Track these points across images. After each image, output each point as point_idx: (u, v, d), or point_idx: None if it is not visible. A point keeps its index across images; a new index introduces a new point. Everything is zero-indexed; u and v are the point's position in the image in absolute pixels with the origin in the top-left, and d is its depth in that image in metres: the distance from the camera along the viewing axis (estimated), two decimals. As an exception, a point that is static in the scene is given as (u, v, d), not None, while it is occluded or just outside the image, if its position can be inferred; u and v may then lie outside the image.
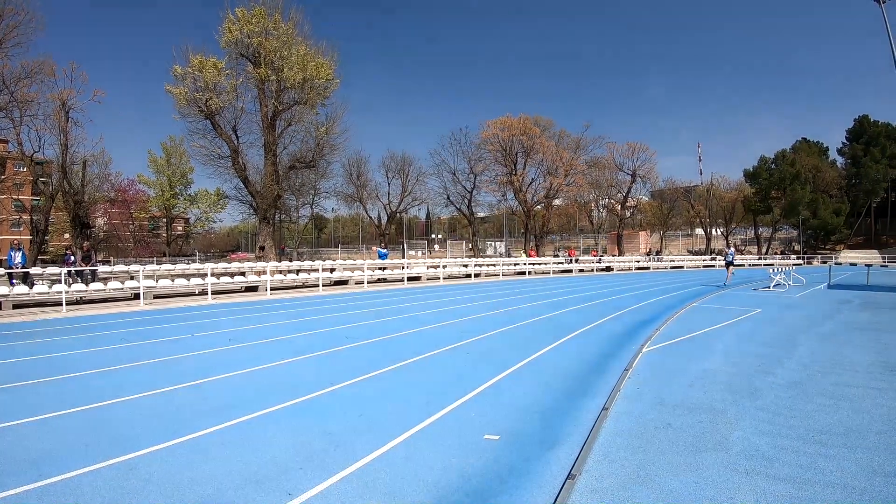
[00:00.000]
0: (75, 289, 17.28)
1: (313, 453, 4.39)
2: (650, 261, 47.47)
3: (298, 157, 34.32)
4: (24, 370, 7.73)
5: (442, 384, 6.67)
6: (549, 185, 55.77)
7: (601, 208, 71.06)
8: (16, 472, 4.07)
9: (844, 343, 9.45)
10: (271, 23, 28.93)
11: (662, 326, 11.37)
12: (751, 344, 9.31)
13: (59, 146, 34.18)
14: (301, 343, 9.92)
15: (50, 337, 11.01)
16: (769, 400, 5.81)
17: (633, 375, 7.01)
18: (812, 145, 74.48)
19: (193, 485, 3.81)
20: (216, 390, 6.50)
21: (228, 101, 29.13)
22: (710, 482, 3.79)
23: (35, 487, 3.80)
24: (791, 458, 4.23)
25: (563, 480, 3.82)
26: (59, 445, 4.63)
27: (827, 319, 12.40)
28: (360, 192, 58.62)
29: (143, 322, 13.17)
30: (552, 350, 8.94)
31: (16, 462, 4.27)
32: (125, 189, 64.30)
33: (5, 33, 30.16)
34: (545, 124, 56.55)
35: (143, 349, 9.39)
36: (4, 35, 30.14)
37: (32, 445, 4.65)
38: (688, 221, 76.28)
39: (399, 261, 34.68)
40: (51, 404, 5.86)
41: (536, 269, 36.55)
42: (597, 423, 5.07)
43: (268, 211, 31.03)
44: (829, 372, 7.18)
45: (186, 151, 59.50)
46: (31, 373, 7.52)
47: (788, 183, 63.65)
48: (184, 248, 76.39)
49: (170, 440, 4.69)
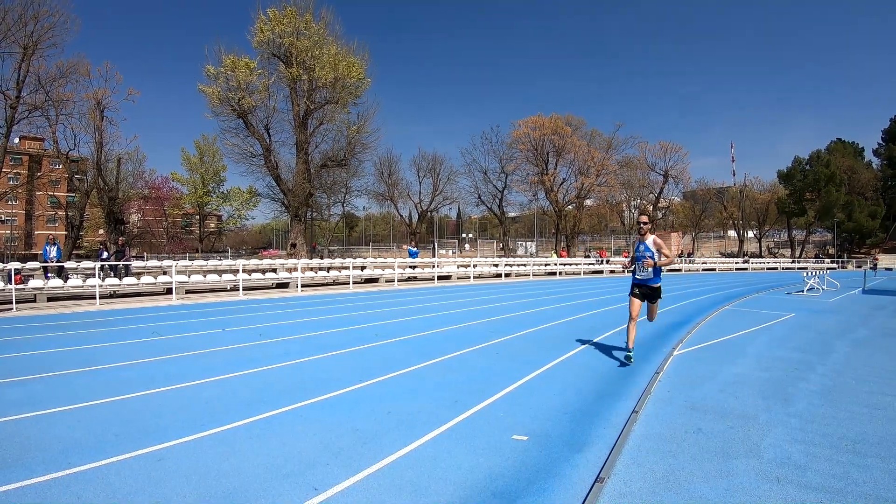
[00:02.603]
0: (109, 283, 17.64)
1: (340, 449, 4.39)
2: (682, 263, 46.78)
3: (330, 156, 34.64)
4: (58, 360, 7.92)
5: (470, 383, 6.63)
6: (580, 185, 55.46)
7: (633, 209, 70.33)
8: (45, 459, 4.14)
9: (880, 349, 9.19)
10: (302, 22, 29.26)
11: (694, 329, 11.17)
12: (783, 349, 9.09)
13: (94, 144, 35.06)
14: (331, 340, 9.97)
15: (83, 329, 11.26)
16: (802, 407, 5.65)
17: (663, 378, 6.89)
18: (847, 146, 72.57)
19: (220, 477, 3.84)
20: (245, 385, 6.55)
21: (260, 100, 29.59)
22: (740, 489, 3.69)
23: (64, 475, 3.86)
24: (824, 466, 4.10)
25: (592, 483, 3.76)
26: (88, 435, 4.71)
27: (861, 325, 12.06)
28: (392, 191, 59.06)
29: (174, 316, 13.39)
30: (581, 351, 8.84)
31: (46, 450, 4.35)
32: (159, 186, 65.66)
33: (41, 35, 30.93)
34: (577, 124, 56.30)
35: (174, 342, 9.55)
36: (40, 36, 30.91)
37: (62, 434, 4.74)
38: (720, 223, 75.14)
39: (429, 259, 34.74)
40: (82, 394, 5.99)
41: (567, 270, 36.33)
42: (626, 425, 4.98)
43: (299, 209, 31.38)
44: (863, 379, 6.97)
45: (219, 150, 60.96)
46: (63, 363, 7.70)
47: (823, 184, 62.14)
48: (216, 244, 77.60)
49: (198, 433, 4.74)
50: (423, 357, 8.20)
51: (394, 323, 12.30)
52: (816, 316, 13.81)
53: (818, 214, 63.93)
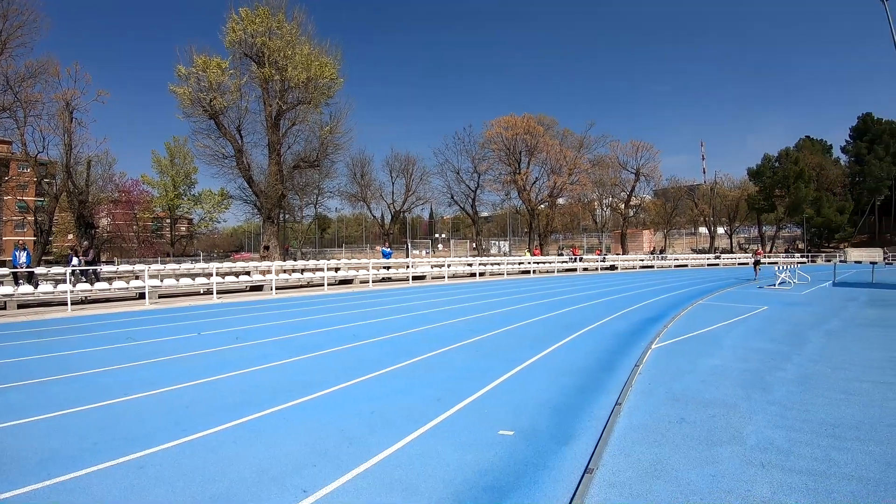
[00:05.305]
0: (80, 288, 17.27)
1: (327, 450, 4.35)
2: (654, 259, 47.34)
3: (302, 157, 34.26)
4: (32, 369, 7.72)
5: (453, 381, 6.64)
6: (552, 184, 55.62)
7: (605, 207, 70.93)
8: (24, 470, 4.04)
9: (852, 339, 9.43)
10: (275, 22, 28.92)
11: (670, 324, 11.33)
12: (759, 340, 9.28)
13: (63, 147, 34.12)
14: (308, 341, 9.89)
15: (56, 336, 11.00)
16: (781, 395, 5.79)
17: (643, 372, 6.98)
18: (816, 143, 74.19)
19: (206, 482, 3.78)
20: (226, 388, 6.47)
21: (232, 100, 29.13)
22: (726, 475, 3.77)
23: (43, 486, 3.76)
24: (805, 450, 4.21)
25: (581, 475, 3.79)
26: (67, 444, 4.60)
27: (833, 316, 12.35)
28: (364, 192, 58.53)
29: (148, 321, 13.15)
30: (561, 347, 8.91)
31: (24, 461, 4.24)
32: (129, 189, 64.39)
33: (9, 34, 30.13)
34: (549, 123, 56.42)
35: (150, 347, 9.37)
36: (9, 36, 30.12)
37: (41, 444, 4.62)
38: (691, 220, 76.08)
39: (403, 260, 34.62)
40: (59, 402, 5.84)
41: (541, 269, 36.47)
42: (611, 418, 5.04)
43: (272, 210, 31.02)
44: (838, 367, 7.16)
45: (190, 151, 59.99)
46: (38, 371, 7.51)
47: (792, 181, 63.30)
48: (187, 248, 76.35)
49: (180, 438, 4.66)
50: (404, 356, 8.18)
51: (371, 323, 12.25)
52: (789, 308, 14.11)
53: (787, 210, 65.15)
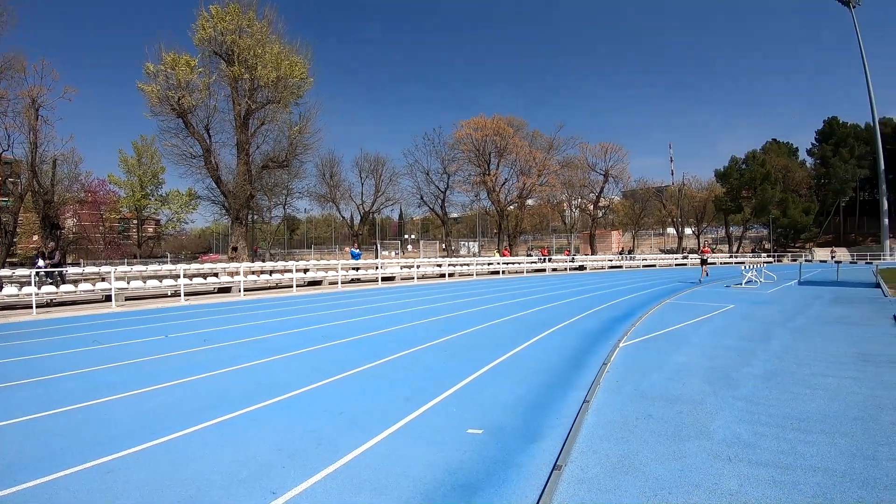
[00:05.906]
0: (45, 291, 16.88)
1: (296, 451, 4.34)
2: (623, 260, 47.91)
3: (271, 157, 33.96)
4: (-6, 373, 7.53)
5: (421, 381, 6.66)
6: (522, 185, 56.01)
7: (574, 208, 71.69)
8: (-12, 476, 3.94)
9: (817, 336, 9.68)
10: (245, 20, 28.68)
11: (638, 322, 11.51)
12: (726, 338, 9.48)
13: (29, 145, 33.36)
14: (277, 343, 9.82)
15: (21, 340, 10.73)
16: (747, 390, 5.93)
17: (611, 369, 7.09)
18: (782, 146, 76.13)
19: (175, 486, 3.74)
20: (194, 391, 6.39)
21: (201, 99, 28.81)
22: (694, 469, 3.86)
23: (10, 493, 3.69)
24: (772, 444, 4.33)
25: (550, 472, 3.84)
26: (34, 449, 4.51)
27: (799, 314, 12.67)
28: (333, 193, 58.11)
29: (115, 324, 12.90)
30: (530, 346, 8.99)
31: (-12, 466, 4.14)
32: (95, 189, 62.86)
33: (-24, 28, 29.39)
34: (518, 125, 56.81)
35: (117, 351, 9.20)
36: (-25, 30, 29.37)
37: (7, 449, 4.52)
38: (659, 221, 77.14)
39: (373, 261, 34.52)
40: (25, 407, 5.71)
41: (510, 269, 36.64)
42: (578, 415, 5.11)
43: (240, 211, 30.72)
44: (804, 363, 7.35)
45: (158, 151, 58.83)
46: (2, 376, 7.30)
47: (759, 183, 64.81)
48: (154, 250, 74.81)
49: (148, 441, 4.60)
50: (373, 357, 8.18)
51: (341, 324, 12.20)
52: (756, 306, 14.43)
53: (754, 211, 66.60)
